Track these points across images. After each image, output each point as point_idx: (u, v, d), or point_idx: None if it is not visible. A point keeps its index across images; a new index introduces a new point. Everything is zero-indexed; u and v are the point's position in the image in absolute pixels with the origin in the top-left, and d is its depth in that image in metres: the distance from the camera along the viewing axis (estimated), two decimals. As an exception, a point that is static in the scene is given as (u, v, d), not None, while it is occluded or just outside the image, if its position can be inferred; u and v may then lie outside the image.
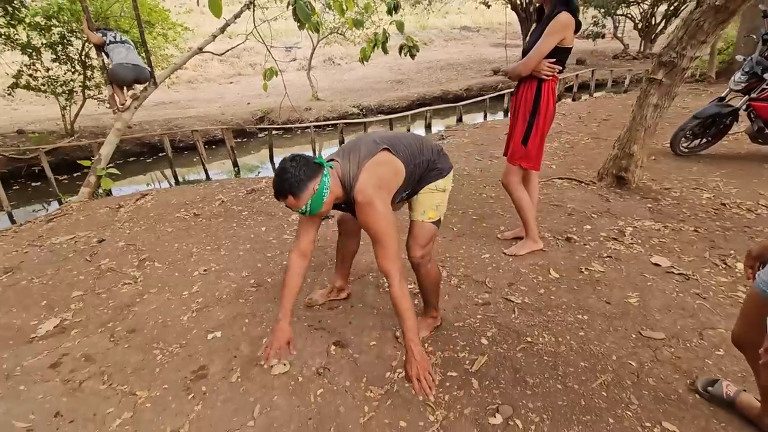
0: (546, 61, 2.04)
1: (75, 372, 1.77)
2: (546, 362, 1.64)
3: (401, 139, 1.54)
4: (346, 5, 6.09)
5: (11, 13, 7.03)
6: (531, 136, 2.20)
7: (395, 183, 1.46)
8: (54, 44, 7.44)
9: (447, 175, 1.63)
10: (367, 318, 1.99)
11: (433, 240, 1.69)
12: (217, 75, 17.09)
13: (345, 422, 1.46)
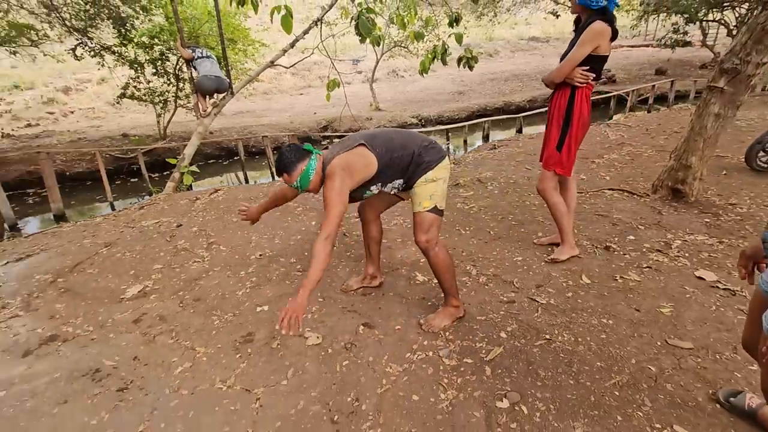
0: (579, 69, 2.08)
1: (151, 328, 2.13)
2: (561, 359, 1.69)
3: (382, 136, 1.81)
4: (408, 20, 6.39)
5: (124, 34, 8.22)
6: (565, 143, 2.24)
7: (363, 171, 1.72)
8: (155, 60, 8.56)
9: (436, 165, 1.79)
10: (395, 306, 2.15)
11: (436, 227, 1.84)
12: (289, 87, 18.32)
13: (364, 390, 1.63)
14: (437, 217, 1.83)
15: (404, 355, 1.80)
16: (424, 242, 1.82)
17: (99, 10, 7.99)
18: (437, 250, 1.84)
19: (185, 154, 4.76)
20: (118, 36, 8.29)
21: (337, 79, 5.10)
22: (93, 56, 8.63)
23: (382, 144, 1.76)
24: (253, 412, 1.57)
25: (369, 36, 5.03)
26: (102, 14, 8.11)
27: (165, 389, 1.71)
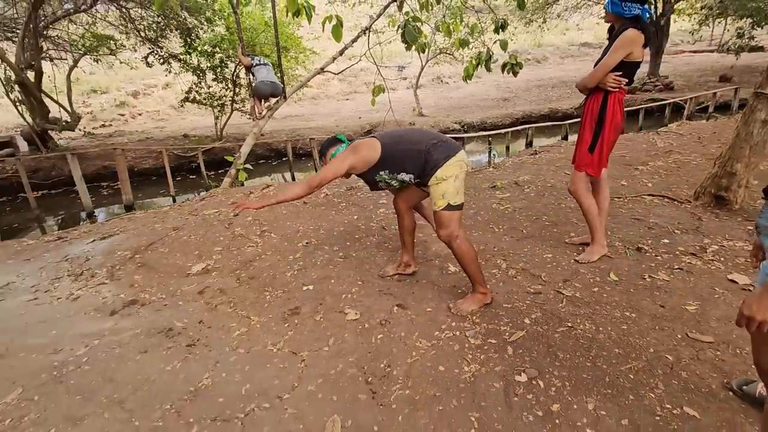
0: (612, 74, 2.18)
1: (213, 298, 2.45)
2: (581, 344, 1.80)
3: (393, 132, 2.10)
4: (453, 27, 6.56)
5: (189, 43, 8.98)
6: (597, 145, 2.33)
7: (366, 151, 1.99)
8: (215, 67, 9.27)
9: (444, 163, 1.95)
10: (427, 291, 2.33)
11: (455, 221, 2.00)
12: (336, 92, 18.96)
13: (395, 359, 1.83)
14: (454, 213, 1.99)
15: (433, 333, 1.99)
16: (445, 236, 2.01)
17: (169, 22, 8.80)
18: (459, 242, 2.00)
19: (241, 152, 5.21)
20: (184, 45, 9.08)
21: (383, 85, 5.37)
22: (162, 63, 9.49)
23: (390, 137, 2.05)
24: (299, 370, 1.81)
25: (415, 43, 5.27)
26: (171, 26, 8.92)
27: (225, 347, 2.00)
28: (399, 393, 1.65)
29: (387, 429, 1.50)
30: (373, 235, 3.15)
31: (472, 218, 3.32)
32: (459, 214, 2.03)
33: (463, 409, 1.55)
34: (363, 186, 4.40)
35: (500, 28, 5.23)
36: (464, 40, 5.80)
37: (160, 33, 9.21)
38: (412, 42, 5.03)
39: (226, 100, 9.95)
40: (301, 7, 4.02)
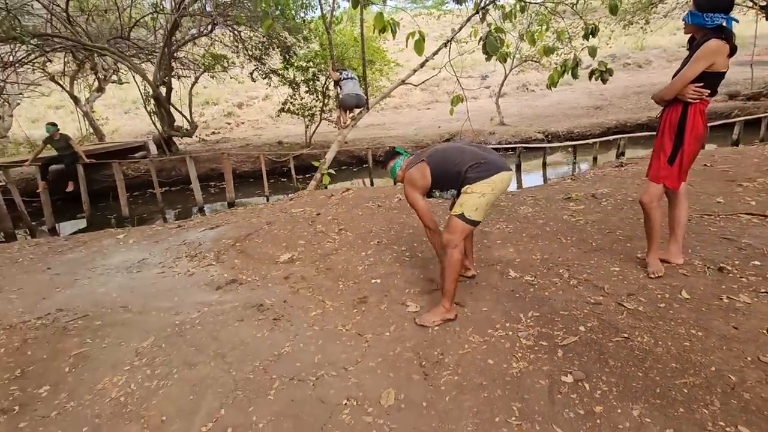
0: (692, 86, 2.12)
1: (295, 283, 2.84)
2: (635, 355, 1.81)
3: (440, 154, 2.24)
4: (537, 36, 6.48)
5: (287, 59, 9.98)
6: (677, 156, 2.27)
7: (421, 181, 2.22)
8: (308, 80, 10.17)
9: (476, 182, 2.09)
10: (486, 293, 2.46)
11: (460, 232, 2.11)
12: (417, 102, 19.37)
13: (448, 349, 2.01)
14: (464, 225, 2.10)
15: (486, 330, 2.12)
16: (445, 240, 2.13)
17: (272, 41, 9.89)
18: (453, 252, 2.10)
19: (326, 158, 5.74)
20: (283, 61, 10.13)
21: (461, 94, 5.53)
22: (264, 78, 10.66)
23: (437, 161, 2.21)
24: (363, 349, 2.08)
25: (495, 54, 5.36)
26: (274, 44, 10.01)
27: (303, 324, 2.35)
28: (448, 378, 1.83)
29: (434, 406, 1.69)
30: (440, 239, 3.33)
31: (540, 228, 3.34)
32: (468, 229, 2.15)
33: (507, 399, 1.68)
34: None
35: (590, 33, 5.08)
36: (549, 48, 5.73)
37: (264, 51, 10.38)
38: (493, 52, 5.13)
39: (315, 110, 10.85)
40: (387, 24, 4.38)
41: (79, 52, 9.51)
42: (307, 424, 1.64)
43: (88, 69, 11.55)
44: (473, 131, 11.71)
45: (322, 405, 1.73)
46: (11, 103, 13.19)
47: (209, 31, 9.72)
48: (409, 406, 1.70)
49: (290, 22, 8.42)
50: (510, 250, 2.98)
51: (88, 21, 8.80)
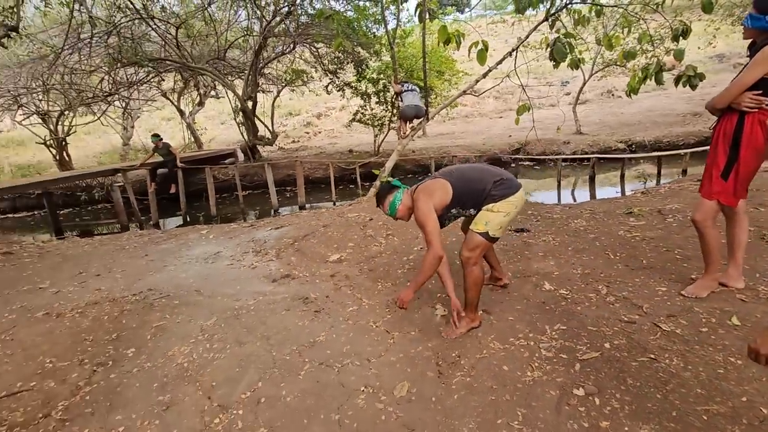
0: (749, 93, 1.96)
1: (339, 281, 3.10)
2: (658, 377, 1.73)
3: (459, 172, 2.21)
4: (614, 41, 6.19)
5: (360, 72, 10.51)
6: (732, 170, 2.10)
7: (439, 192, 2.14)
8: (378, 92, 10.60)
9: (501, 200, 2.10)
10: (516, 302, 2.48)
11: (481, 248, 2.13)
12: (490, 110, 18.99)
13: (466, 352, 2.09)
14: (485, 242, 2.12)
15: (508, 338, 2.16)
16: (465, 257, 2.12)
17: (346, 57, 10.51)
18: (473, 268, 2.13)
19: (386, 166, 6.00)
20: (356, 74, 10.70)
21: (528, 103, 5.44)
22: (338, 90, 11.34)
23: (458, 177, 2.18)
24: (387, 345, 2.24)
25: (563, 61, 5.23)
26: (348, 59, 10.62)
27: (339, 318, 2.58)
28: (461, 378, 1.92)
29: (442, 401, 1.80)
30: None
31: (588, 242, 3.22)
32: (489, 246, 2.18)
33: (513, 404, 1.73)
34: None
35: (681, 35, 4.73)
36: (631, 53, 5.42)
37: (339, 66, 11.07)
38: (560, 60, 5.00)
39: (384, 120, 11.26)
40: (451, 36, 4.53)
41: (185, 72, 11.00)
42: (327, 403, 1.85)
43: (192, 86, 13.26)
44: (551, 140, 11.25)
45: (342, 389, 1.93)
46: (133, 115, 15.60)
47: (291, 49, 10.63)
48: (419, 399, 1.83)
49: (362, 38, 8.91)
50: (551, 263, 2.93)
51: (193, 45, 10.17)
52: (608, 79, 15.32)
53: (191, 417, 1.84)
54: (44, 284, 3.48)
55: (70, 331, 2.62)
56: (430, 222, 2.07)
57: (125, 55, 8.48)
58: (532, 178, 10.72)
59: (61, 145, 12.37)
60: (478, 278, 2.15)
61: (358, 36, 8.60)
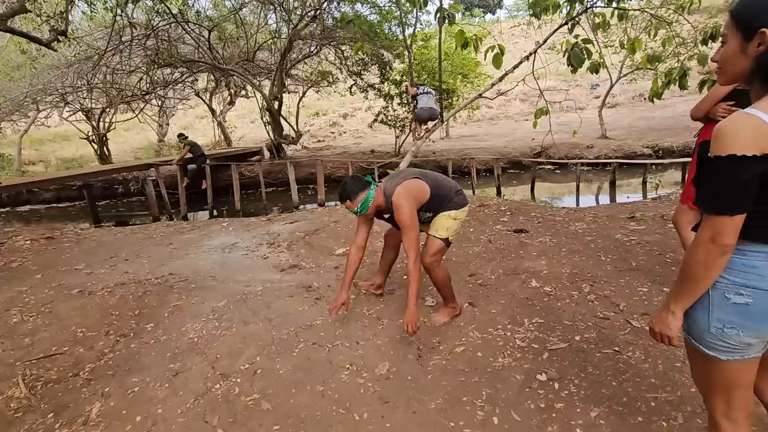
0: (722, 104, 2.03)
1: (341, 273, 3.30)
2: (617, 367, 1.85)
3: (430, 175, 2.31)
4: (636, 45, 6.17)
5: (384, 74, 10.73)
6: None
7: (421, 197, 2.18)
8: (401, 93, 10.79)
9: (460, 208, 2.26)
10: (502, 297, 2.62)
11: (441, 252, 2.26)
12: (516, 113, 18.81)
13: (446, 339, 2.25)
14: (444, 246, 2.25)
15: (488, 329, 2.31)
16: (428, 263, 2.22)
17: (370, 59, 10.76)
18: (437, 270, 2.27)
19: (400, 167, 6.18)
20: (379, 76, 10.93)
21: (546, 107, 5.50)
22: (361, 92, 11.61)
23: (432, 180, 2.25)
24: (376, 330, 2.43)
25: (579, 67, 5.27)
26: (372, 61, 10.87)
27: (337, 305, 2.78)
28: (437, 361, 2.09)
29: (417, 380, 1.97)
30: (478, 246, 3.51)
31: (584, 244, 3.30)
32: (445, 249, 2.29)
33: (480, 385, 1.89)
34: (490, 204, 4.71)
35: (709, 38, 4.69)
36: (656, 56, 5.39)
37: (363, 67, 11.33)
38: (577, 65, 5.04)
39: (406, 122, 11.44)
40: (469, 40, 4.66)
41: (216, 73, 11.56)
42: (314, 377, 2.06)
43: (224, 86, 13.87)
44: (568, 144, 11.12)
45: (329, 365, 2.14)
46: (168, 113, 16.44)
47: (317, 51, 10.98)
48: (397, 377, 2.01)
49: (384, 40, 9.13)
50: (542, 262, 3.04)
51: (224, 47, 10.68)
52: (639, 83, 14.91)
53: (196, 382, 2.09)
54: (80, 266, 3.87)
55: (100, 306, 2.95)
56: (414, 229, 2.11)
57: (162, 57, 9.05)
58: (553, 182, 10.63)
59: (101, 140, 13.22)
60: (445, 276, 2.32)
61: (381, 39, 8.81)
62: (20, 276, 3.68)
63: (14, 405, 1.97)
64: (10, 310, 2.94)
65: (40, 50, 10.21)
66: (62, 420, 1.86)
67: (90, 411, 1.91)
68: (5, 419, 1.89)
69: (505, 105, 19.23)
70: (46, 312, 2.90)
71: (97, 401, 1.97)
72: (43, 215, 10.85)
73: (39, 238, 4.88)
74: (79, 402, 1.98)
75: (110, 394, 2.02)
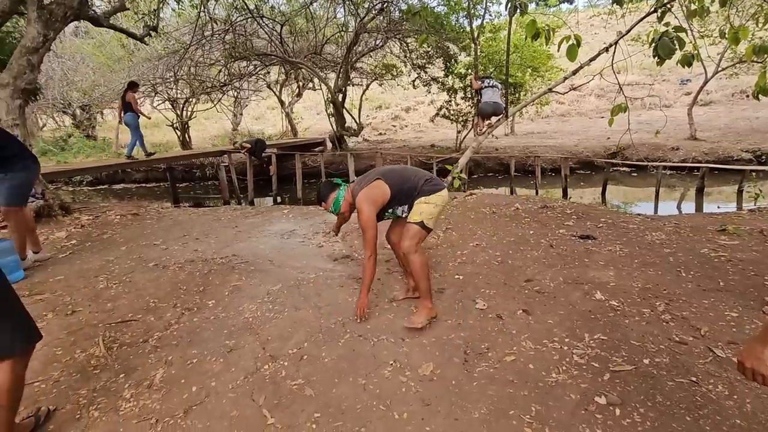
0: None
1: (391, 267, 3.29)
2: (693, 400, 1.63)
3: (395, 172, 2.39)
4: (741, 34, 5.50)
5: (449, 67, 10.50)
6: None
7: (382, 199, 2.32)
8: (465, 87, 10.50)
9: (432, 194, 2.31)
10: (559, 308, 2.44)
11: (419, 238, 2.30)
12: (590, 109, 17.55)
13: (495, 346, 2.14)
14: (421, 231, 2.29)
15: (542, 340, 2.16)
16: (407, 246, 2.28)
17: (435, 51, 10.57)
18: (415, 256, 2.28)
19: (459, 162, 6.02)
20: (444, 69, 10.71)
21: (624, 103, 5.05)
22: (425, 86, 11.47)
23: (395, 178, 2.35)
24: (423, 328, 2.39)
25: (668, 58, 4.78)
26: (437, 54, 10.68)
27: (385, 298, 2.77)
28: (484, 368, 2.00)
29: (460, 385, 1.90)
30: (537, 250, 3.31)
31: (661, 257, 2.97)
32: (424, 235, 2.33)
33: (529, 399, 1.77)
34: (557, 207, 4.42)
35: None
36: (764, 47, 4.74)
37: (428, 60, 11.17)
38: (665, 56, 4.57)
39: (468, 116, 11.12)
40: (540, 31, 4.40)
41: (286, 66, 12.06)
42: (357, 369, 2.07)
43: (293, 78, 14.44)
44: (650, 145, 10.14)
45: (373, 359, 2.13)
46: (242, 104, 17.48)
47: (382, 44, 11.01)
48: (440, 380, 1.95)
49: (450, 33, 8.90)
50: (610, 273, 2.79)
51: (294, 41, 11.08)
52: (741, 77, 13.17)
53: (247, 360, 2.19)
54: (157, 241, 4.25)
55: (171, 280, 3.21)
56: (371, 230, 2.28)
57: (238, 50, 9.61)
58: (628, 186, 9.79)
59: (184, 127, 14.41)
60: (422, 264, 2.30)
61: (447, 31, 8.61)
62: (109, 247, 4.12)
63: (93, 362, 2.20)
64: (98, 277, 3.30)
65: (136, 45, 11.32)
66: (131, 381, 2.04)
67: (154, 376, 2.07)
68: (86, 374, 2.11)
69: (578, 100, 18.00)
70: (126, 281, 3.22)
71: (161, 368, 2.14)
72: (133, 193, 12.11)
73: (127, 214, 5.43)
74: (146, 366, 2.16)
75: (172, 363, 2.18)
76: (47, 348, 2.33)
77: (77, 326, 2.56)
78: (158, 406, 1.86)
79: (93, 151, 14.48)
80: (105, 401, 1.91)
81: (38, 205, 4.82)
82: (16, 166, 3.37)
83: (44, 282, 3.25)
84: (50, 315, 2.70)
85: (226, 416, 1.77)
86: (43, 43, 4.79)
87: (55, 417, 1.82)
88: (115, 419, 1.80)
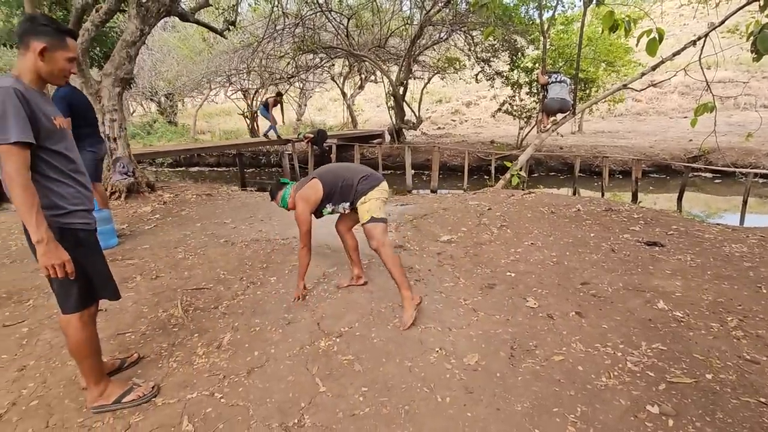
0: None
1: (444, 259, 3.34)
2: (760, 423, 1.52)
3: (332, 171, 2.55)
4: None
5: (515, 61, 10.15)
6: None
7: (316, 197, 2.49)
8: (531, 82, 10.11)
9: (369, 192, 2.44)
10: (615, 313, 2.35)
11: (380, 230, 2.39)
12: (671, 108, 16.11)
13: (544, 345, 2.13)
14: (378, 224, 2.39)
15: (594, 343, 2.11)
16: (374, 246, 2.39)
17: (501, 45, 10.27)
18: (385, 250, 2.37)
19: (519, 160, 5.86)
20: (509, 63, 10.38)
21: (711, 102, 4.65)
22: (488, 80, 11.19)
23: (330, 177, 2.51)
24: (471, 321, 2.42)
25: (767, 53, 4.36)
26: (503, 47, 10.37)
27: (435, 289, 2.84)
28: (530, 365, 2.00)
29: (505, 378, 1.92)
30: (597, 254, 3.18)
31: (740, 271, 2.74)
32: (383, 226, 2.41)
33: (575, 400, 1.75)
34: (623, 210, 4.18)
35: None
36: None
37: (493, 54, 10.88)
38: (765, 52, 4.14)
39: (532, 113, 10.70)
40: (619, 22, 4.17)
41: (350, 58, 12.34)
42: (404, 352, 2.16)
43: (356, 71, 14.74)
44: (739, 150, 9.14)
45: (420, 345, 2.21)
46: (307, 95, 18.17)
47: (448, 37, 10.89)
48: (485, 371, 1.99)
49: (519, 25, 8.58)
50: (676, 282, 2.62)
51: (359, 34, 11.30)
52: None
53: (303, 333, 2.37)
54: (227, 220, 4.63)
55: (238, 256, 3.51)
56: (304, 225, 2.51)
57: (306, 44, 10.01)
58: (710, 193, 8.92)
59: (253, 116, 15.30)
60: (393, 257, 2.38)
61: (515, 23, 8.32)
62: (186, 222, 4.57)
63: (173, 321, 2.50)
64: (177, 248, 3.69)
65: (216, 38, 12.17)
66: (203, 341, 2.30)
67: (223, 339, 2.32)
68: (166, 330, 2.41)
69: (657, 98, 16.56)
70: (200, 254, 3.57)
71: (229, 332, 2.38)
72: (206, 176, 13.13)
73: (201, 194, 5.96)
74: (216, 330, 2.42)
75: (238, 329, 2.41)
76: (136, 306, 2.69)
77: (160, 289, 2.91)
78: (226, 364, 2.08)
79: (174, 136, 15.87)
80: (181, 355, 2.17)
81: (130, 182, 5.44)
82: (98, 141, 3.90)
83: (133, 249, 3.70)
84: (139, 278, 3.09)
85: (283, 380, 1.95)
86: (139, 36, 5.36)
87: (142, 363, 2.11)
88: (189, 371, 2.04)
